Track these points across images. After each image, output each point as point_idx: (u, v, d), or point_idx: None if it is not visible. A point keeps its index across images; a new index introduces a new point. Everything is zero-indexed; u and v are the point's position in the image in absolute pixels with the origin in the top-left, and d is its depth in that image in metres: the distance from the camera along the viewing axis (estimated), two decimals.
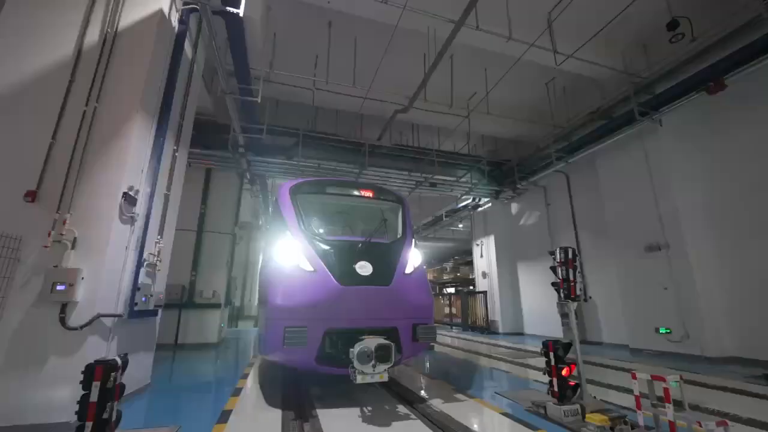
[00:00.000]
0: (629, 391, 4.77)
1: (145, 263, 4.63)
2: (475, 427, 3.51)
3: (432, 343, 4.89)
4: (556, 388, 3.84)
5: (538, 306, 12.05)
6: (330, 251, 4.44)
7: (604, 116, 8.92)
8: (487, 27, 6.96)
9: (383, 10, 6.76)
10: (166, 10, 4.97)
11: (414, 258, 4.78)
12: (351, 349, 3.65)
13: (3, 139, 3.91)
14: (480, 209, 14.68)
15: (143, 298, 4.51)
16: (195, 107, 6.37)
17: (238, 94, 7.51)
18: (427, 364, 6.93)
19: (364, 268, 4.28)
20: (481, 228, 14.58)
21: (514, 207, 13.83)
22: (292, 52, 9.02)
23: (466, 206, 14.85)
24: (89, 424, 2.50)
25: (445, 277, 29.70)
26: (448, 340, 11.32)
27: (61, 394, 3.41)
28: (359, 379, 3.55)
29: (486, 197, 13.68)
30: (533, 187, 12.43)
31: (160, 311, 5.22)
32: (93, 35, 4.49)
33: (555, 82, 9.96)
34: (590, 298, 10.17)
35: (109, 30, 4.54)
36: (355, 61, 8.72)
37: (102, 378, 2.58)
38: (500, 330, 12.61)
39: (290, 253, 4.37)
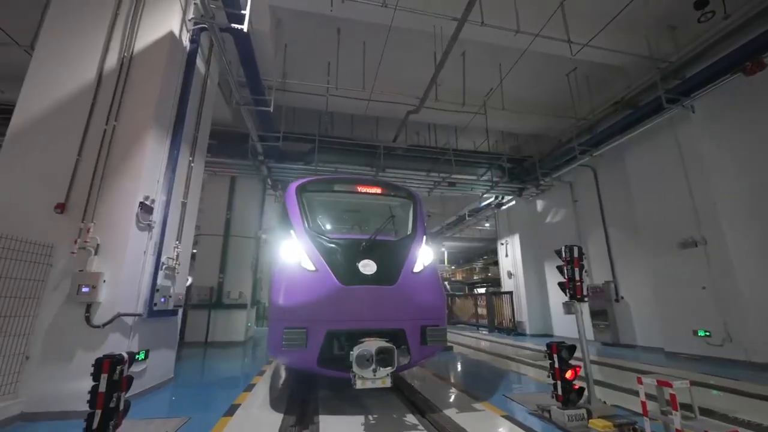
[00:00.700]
0: (653, 397, 4.46)
1: (164, 267, 4.99)
2: (470, 429, 3.45)
3: (445, 346, 4.48)
4: (560, 392, 3.69)
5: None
6: (333, 250, 4.28)
7: (630, 106, 8.39)
8: (492, 21, 6.81)
9: (384, 13, 6.80)
10: (176, 31, 5.34)
11: (424, 256, 4.52)
12: (351, 352, 3.45)
13: (37, 157, 4.39)
14: (504, 207, 14.28)
15: (162, 299, 4.87)
16: (210, 119, 6.76)
17: (252, 105, 7.87)
18: (447, 368, 6.85)
19: (367, 266, 4.09)
20: (505, 226, 14.17)
21: (539, 204, 13.30)
22: (304, 61, 9.30)
23: (489, 204, 14.49)
24: (98, 412, 2.76)
25: (475, 277, 29.07)
26: (473, 341, 11.10)
27: (86, 385, 3.75)
28: (359, 384, 3.34)
29: (509, 195, 13.29)
30: (558, 183, 11.90)
31: (180, 311, 5.59)
32: (112, 59, 4.91)
33: (576, 72, 9.49)
34: (622, 298, 9.56)
35: (125, 54, 4.95)
36: (364, 65, 8.85)
37: (109, 371, 2.84)
38: (527, 331, 12.18)
39: (292, 252, 4.27)
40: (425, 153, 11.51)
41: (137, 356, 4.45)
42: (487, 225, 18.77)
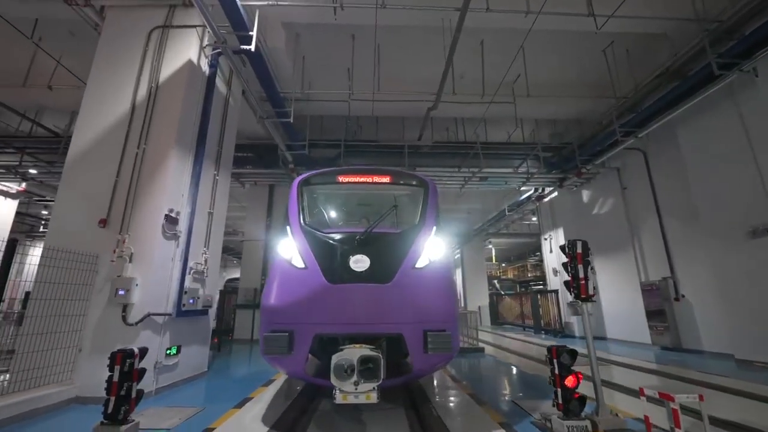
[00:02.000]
0: (697, 413, 3.93)
1: (192, 271, 5.57)
2: None
3: (449, 354, 3.54)
4: (560, 400, 3.42)
5: (619, 307, 10.40)
6: (326, 245, 3.88)
7: (677, 76, 7.37)
8: (499, 6, 6.47)
9: (387, 14, 6.82)
10: (194, 59, 5.92)
11: (431, 249, 3.95)
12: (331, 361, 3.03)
13: (86, 180, 5.18)
14: (546, 199, 13.35)
15: (191, 300, 5.44)
16: (234, 135, 7.35)
17: (274, 117, 8.38)
18: (467, 369, 6.66)
19: (359, 262, 3.66)
20: (548, 220, 13.25)
21: (585, 194, 12.20)
22: (324, 70, 9.62)
23: (529, 197, 13.65)
24: (112, 398, 3.22)
25: (529, 275, 27.49)
26: (510, 343, 10.56)
27: None
28: (339, 399, 2.86)
29: (549, 186, 12.39)
30: (604, 169, 10.84)
31: (210, 311, 6.17)
32: (142, 91, 5.61)
33: (614, 47, 8.58)
34: (683, 296, 8.40)
35: (153, 84, 5.63)
36: (380, 67, 8.92)
37: (120, 363, 3.29)
38: (576, 333, 11.24)
39: (284, 248, 3.97)
40: (452, 148, 11.24)
41: (168, 351, 5.05)
42: (534, 219, 17.70)
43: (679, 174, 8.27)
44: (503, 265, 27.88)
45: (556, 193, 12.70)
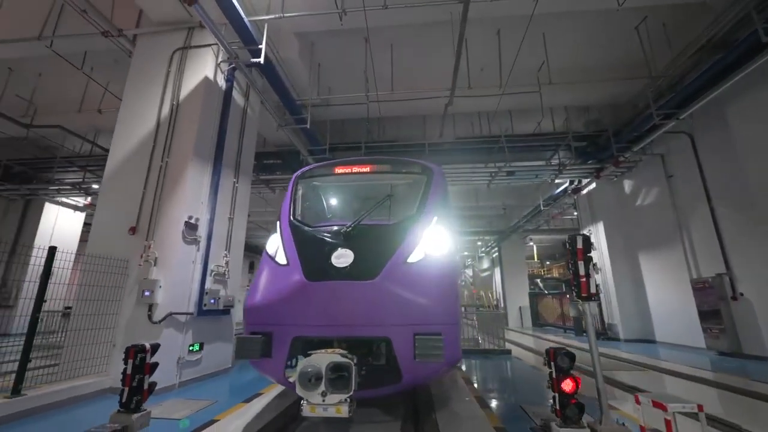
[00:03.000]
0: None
1: (213, 273, 5.98)
2: None
3: (440, 362, 3.00)
4: (558, 406, 3.21)
5: (671, 307, 9.41)
6: (311, 240, 3.64)
7: (720, 49, 6.54)
8: None
9: (392, 14, 6.82)
10: (210, 76, 6.35)
11: (429, 241, 3.53)
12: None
13: (119, 193, 5.76)
14: (583, 192, 12.46)
15: (212, 300, 5.83)
16: (254, 144, 7.75)
17: (293, 125, 8.71)
18: (495, 379, 6.43)
19: (342, 257, 3.32)
20: (587, 214, 12.35)
21: (626, 184, 11.21)
22: (341, 74, 9.81)
23: (565, 190, 12.82)
24: (126, 389, 3.56)
25: None
26: (542, 345, 9.99)
27: None
28: (306, 411, 2.52)
29: (585, 177, 11.55)
30: (646, 156, 9.90)
31: (232, 310, 6.56)
32: (165, 108, 6.13)
33: (647, 22, 7.81)
34: (741, 294, 7.41)
35: (174, 102, 6.12)
36: (394, 67, 8.90)
37: (133, 357, 3.63)
38: (621, 336, 10.35)
39: (271, 245, 3.78)
40: (476, 143, 10.91)
41: (191, 347, 5.45)
42: (575, 213, 16.61)
43: (731, 157, 7.33)
44: (547, 263, 26.41)
45: (594, 185, 11.81)
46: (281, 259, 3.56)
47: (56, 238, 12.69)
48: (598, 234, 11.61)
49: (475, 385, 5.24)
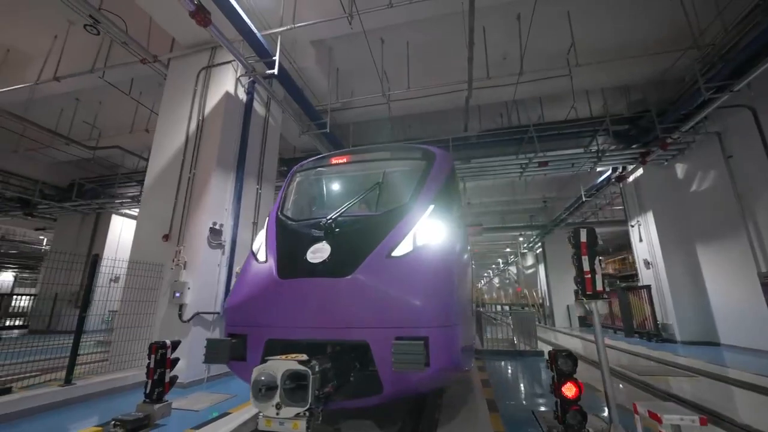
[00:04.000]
0: None
1: (237, 275, 6.38)
2: None
3: (422, 370, 2.47)
4: (560, 412, 3.00)
5: (737, 305, 8.26)
6: (291, 234, 3.42)
7: None
8: None
9: (399, 13, 6.77)
10: (231, 90, 6.78)
11: (420, 233, 3.12)
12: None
13: (155, 204, 6.37)
14: (629, 179, 11.38)
15: None
16: (276, 151, 8.13)
17: (314, 130, 8.99)
18: (516, 381, 6.14)
19: (317, 252, 3.03)
20: (634, 203, 11.26)
21: (679, 169, 10.03)
22: (361, 77, 9.90)
23: (608, 179, 11.81)
24: (149, 382, 3.94)
25: (631, 269, 23.59)
26: (587, 348, 9.27)
27: (183, 363, 5.27)
28: (261, 425, 2.27)
29: (629, 163, 10.55)
30: (700, 136, 8.81)
31: None
32: (193, 124, 6.66)
33: None
34: None
35: (200, 118, 6.63)
36: (411, 65, 8.82)
37: (155, 353, 4.00)
38: (677, 338, 9.29)
39: (256, 242, 3.60)
40: (503, 135, 10.45)
41: None
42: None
43: None
44: (599, 258, 24.37)
45: (640, 171, 10.75)
46: (261, 255, 3.35)
47: (122, 246, 14.30)
48: (647, 225, 10.54)
49: (492, 388, 5.04)
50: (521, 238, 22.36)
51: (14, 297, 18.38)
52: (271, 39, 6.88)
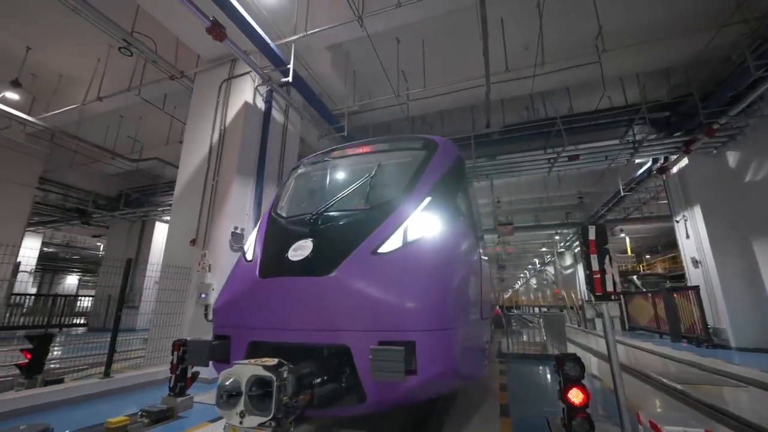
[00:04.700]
0: None
1: None
2: None
3: (402, 379, 2.19)
4: (566, 419, 2.83)
5: None
6: (278, 231, 3.32)
7: None
8: None
9: (410, 10, 6.72)
10: (250, 100, 7.08)
11: (413, 227, 2.89)
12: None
13: (184, 211, 6.79)
14: (673, 170, 10.48)
15: None
16: (295, 156, 8.35)
17: (332, 134, 9.15)
18: (534, 386, 5.86)
19: (299, 250, 2.88)
20: (678, 197, 10.35)
21: (731, 157, 9.06)
22: (380, 78, 9.93)
23: (649, 170, 10.95)
24: (173, 377, 4.21)
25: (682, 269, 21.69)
26: (623, 354, 8.64)
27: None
28: None
29: (671, 153, 9.71)
30: (754, 120, 7.93)
31: None
32: (216, 135, 7.02)
33: None
34: None
35: (222, 128, 6.99)
36: (425, 62, 8.74)
37: (177, 350, 4.26)
38: (732, 343, 8.39)
39: (248, 242, 3.52)
40: (527, 129, 10.04)
41: None
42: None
43: None
44: (647, 257, 22.64)
45: (685, 161, 9.86)
46: (249, 255, 3.26)
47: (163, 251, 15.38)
48: (694, 220, 9.64)
49: (509, 392, 4.84)
50: (557, 237, 21.31)
51: (78, 298, 20.28)
52: (286, 47, 7.09)
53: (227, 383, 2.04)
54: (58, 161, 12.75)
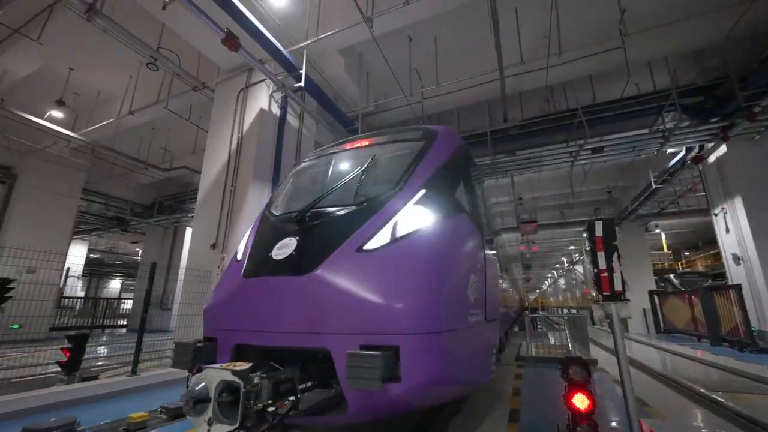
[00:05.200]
0: None
1: None
2: None
3: (378, 387, 1.98)
4: (571, 426, 2.71)
5: None
6: (268, 229, 3.19)
7: None
8: None
9: (420, 7, 6.68)
10: (265, 106, 7.31)
11: (403, 222, 2.70)
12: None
13: (206, 217, 7.10)
14: (710, 159, 9.75)
15: None
16: None
17: (349, 136, 9.25)
18: (552, 391, 5.65)
19: (282, 248, 2.75)
20: (716, 188, 9.61)
21: None
22: (397, 77, 9.94)
23: (683, 161, 10.25)
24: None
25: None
26: (653, 356, 8.10)
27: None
28: None
29: (707, 141, 9.04)
30: None
31: None
32: (234, 143, 7.30)
33: None
34: None
35: (239, 135, 7.25)
36: (437, 59, 8.66)
37: None
38: None
39: (242, 242, 3.39)
40: (547, 122, 9.69)
41: None
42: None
43: None
44: (686, 253, 21.15)
45: (723, 149, 9.16)
46: (239, 254, 3.15)
47: None
48: (734, 213, 8.92)
49: (522, 397, 4.69)
50: (585, 234, 20.35)
51: (121, 301, 21.70)
52: (299, 53, 7.26)
53: (196, 389, 1.93)
54: (98, 173, 13.73)
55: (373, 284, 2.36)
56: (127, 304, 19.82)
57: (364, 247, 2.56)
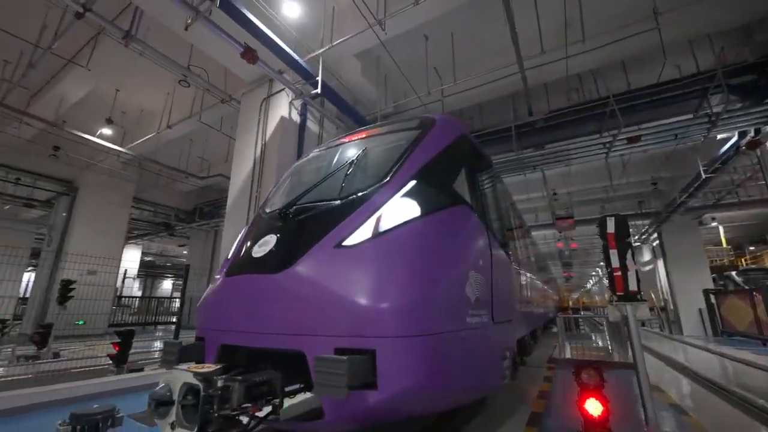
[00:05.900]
0: None
1: None
2: None
3: (344, 395, 1.81)
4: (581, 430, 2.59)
5: None
6: (255, 227, 3.17)
7: None
8: None
9: (430, 5, 6.62)
10: (285, 114, 7.59)
11: (388, 216, 2.52)
12: None
13: (234, 218, 7.50)
14: None
15: None
16: None
17: None
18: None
19: (263, 245, 2.66)
20: None
21: None
22: (414, 76, 9.90)
23: (736, 147, 9.28)
24: None
25: None
26: (739, 372, 7.35)
27: None
28: None
29: (762, 124, 8.12)
30: None
31: None
32: (258, 150, 7.65)
33: None
34: None
35: (263, 143, 7.59)
36: (454, 55, 8.53)
37: None
38: None
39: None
40: (578, 113, 9.20)
41: None
42: None
43: None
44: (751, 248, 19.05)
45: None
46: (230, 252, 3.13)
47: None
48: None
49: (547, 400, 4.50)
50: (630, 230, 19.00)
51: (172, 300, 23.37)
52: (315, 61, 7.46)
53: (159, 390, 1.88)
54: (146, 183, 14.93)
55: (351, 282, 2.22)
56: (177, 303, 21.32)
57: (344, 243, 2.42)
